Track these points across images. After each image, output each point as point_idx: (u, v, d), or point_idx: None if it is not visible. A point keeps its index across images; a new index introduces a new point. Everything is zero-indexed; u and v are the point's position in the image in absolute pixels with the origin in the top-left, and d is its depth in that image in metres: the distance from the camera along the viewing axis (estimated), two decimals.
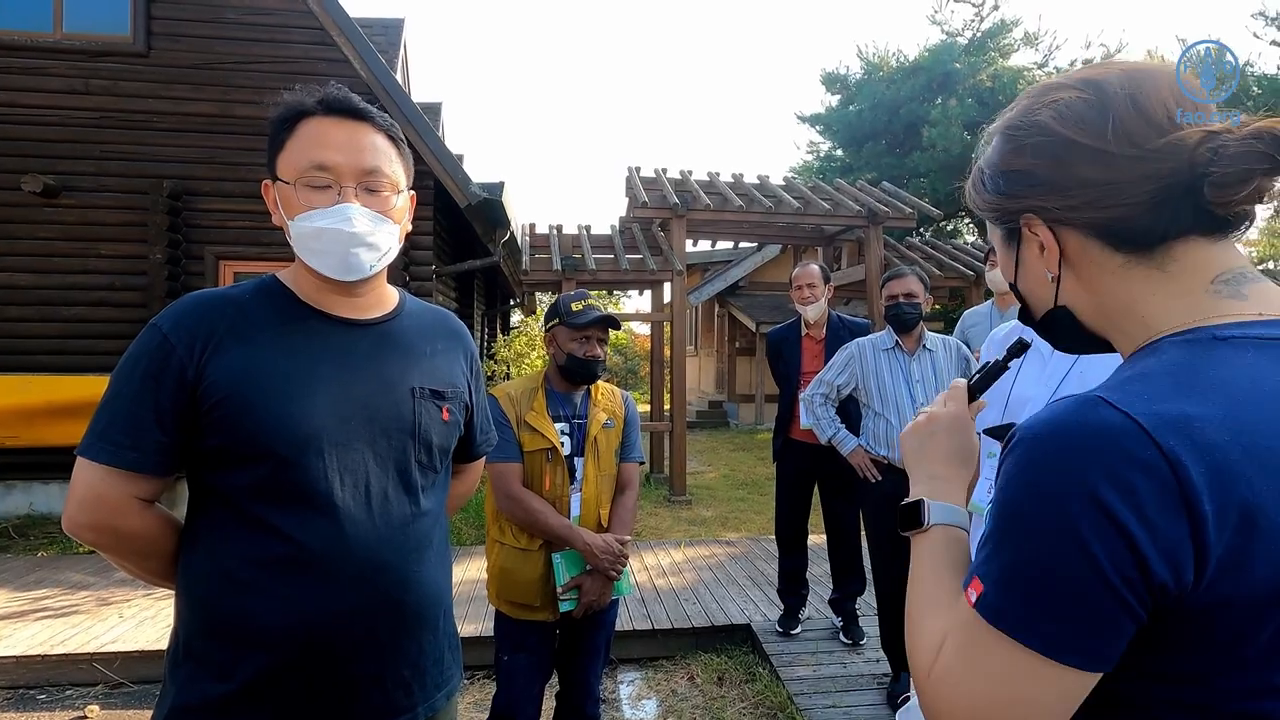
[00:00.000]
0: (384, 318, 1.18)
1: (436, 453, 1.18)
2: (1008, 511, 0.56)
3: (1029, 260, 0.71)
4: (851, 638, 3.57)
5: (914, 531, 0.74)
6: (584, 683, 2.20)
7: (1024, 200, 0.68)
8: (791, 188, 8.57)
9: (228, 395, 1.01)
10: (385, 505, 1.10)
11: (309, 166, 1.06)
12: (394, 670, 1.11)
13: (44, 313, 6.31)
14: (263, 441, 1.02)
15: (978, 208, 0.74)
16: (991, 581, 0.56)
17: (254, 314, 1.08)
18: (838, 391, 3.14)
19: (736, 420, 14.67)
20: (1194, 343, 0.59)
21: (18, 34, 6.37)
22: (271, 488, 1.03)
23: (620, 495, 2.21)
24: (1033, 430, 0.57)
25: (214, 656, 1.03)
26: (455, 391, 1.23)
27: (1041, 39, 17.42)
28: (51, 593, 4.29)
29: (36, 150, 6.31)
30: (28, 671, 3.44)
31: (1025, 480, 0.55)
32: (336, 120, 1.08)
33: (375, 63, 6.30)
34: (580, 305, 2.12)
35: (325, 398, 1.06)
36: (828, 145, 19.40)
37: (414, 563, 1.13)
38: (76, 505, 1.02)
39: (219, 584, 1.03)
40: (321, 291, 1.13)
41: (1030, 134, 0.66)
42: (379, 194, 1.10)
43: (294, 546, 1.03)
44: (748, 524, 6.38)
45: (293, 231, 1.08)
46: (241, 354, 1.04)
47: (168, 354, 1.02)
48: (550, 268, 7.21)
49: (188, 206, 6.48)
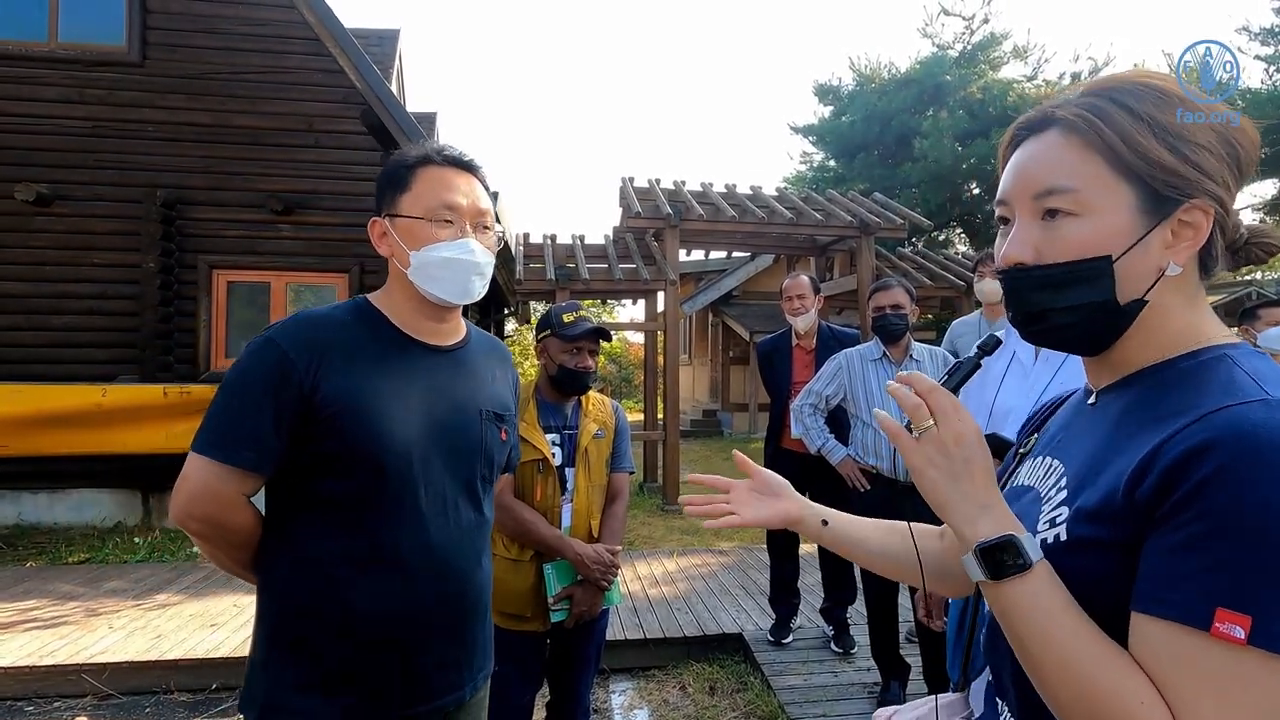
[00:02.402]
0: (457, 345, 1.34)
1: (495, 468, 1.37)
2: (1268, 531, 0.51)
3: (1154, 243, 0.64)
4: (842, 646, 3.58)
5: (1011, 577, 0.61)
6: (575, 693, 2.20)
7: (1205, 185, 0.64)
8: (784, 198, 8.63)
9: (340, 409, 1.14)
10: (457, 513, 1.27)
11: (439, 206, 1.23)
12: (453, 654, 1.28)
13: (35, 321, 6.29)
14: (368, 451, 1.15)
15: (1139, 155, 0.64)
16: (1271, 611, 0.50)
17: (356, 335, 1.22)
18: (826, 401, 3.17)
19: (730, 429, 14.69)
20: (1256, 354, 0.64)
21: (13, 43, 6.38)
22: (369, 493, 1.17)
23: (611, 505, 2.22)
24: (1259, 440, 0.53)
25: (306, 646, 1.17)
26: (510, 415, 1.42)
27: (1031, 52, 17.64)
28: (40, 603, 4.26)
29: (30, 159, 6.31)
30: (16, 683, 3.41)
31: None
32: (457, 171, 1.27)
33: (370, 73, 6.34)
34: (572, 317, 2.14)
35: (416, 416, 1.21)
36: (820, 156, 19.55)
37: (474, 563, 1.31)
38: (188, 498, 1.12)
39: (318, 579, 1.17)
40: (417, 318, 1.28)
41: (1230, 130, 0.66)
42: (488, 232, 1.30)
43: (386, 547, 1.18)
44: (740, 533, 6.40)
45: (415, 261, 1.22)
46: (349, 372, 1.17)
47: (288, 368, 1.14)
48: (544, 277, 7.23)
49: (181, 215, 6.49)
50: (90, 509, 6.11)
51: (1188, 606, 0.52)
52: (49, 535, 5.87)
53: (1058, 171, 0.66)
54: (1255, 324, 3.63)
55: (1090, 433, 0.70)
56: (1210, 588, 0.52)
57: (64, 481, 6.09)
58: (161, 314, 6.35)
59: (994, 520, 0.63)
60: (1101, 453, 0.66)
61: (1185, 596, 0.53)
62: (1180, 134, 0.63)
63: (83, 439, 5.53)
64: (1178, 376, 0.64)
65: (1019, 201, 0.69)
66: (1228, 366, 0.62)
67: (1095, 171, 0.64)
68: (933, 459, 0.66)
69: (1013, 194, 0.70)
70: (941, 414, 0.66)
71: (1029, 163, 0.69)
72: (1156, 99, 0.65)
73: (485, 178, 1.32)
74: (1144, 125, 0.64)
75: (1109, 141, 0.64)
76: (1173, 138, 0.63)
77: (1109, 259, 0.64)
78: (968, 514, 0.64)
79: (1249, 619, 0.50)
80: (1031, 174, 0.68)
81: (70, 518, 6.13)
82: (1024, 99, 15.93)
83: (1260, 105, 12.52)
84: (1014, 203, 0.70)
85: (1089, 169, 0.64)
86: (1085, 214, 0.65)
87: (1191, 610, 0.52)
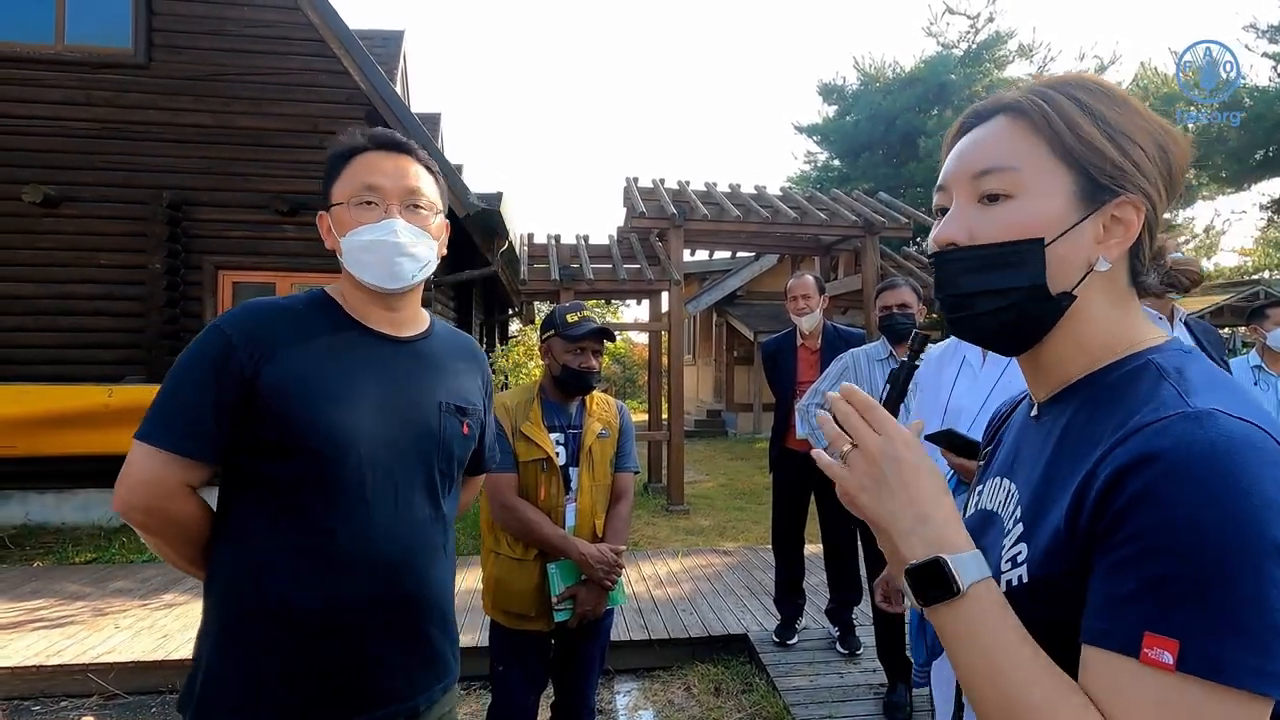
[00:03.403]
0: (418, 336, 1.31)
1: (455, 463, 1.31)
2: (1195, 550, 0.49)
3: (1087, 233, 0.65)
4: (848, 647, 3.57)
5: (942, 604, 0.58)
6: (579, 693, 2.20)
7: (1140, 181, 0.65)
8: (788, 198, 8.62)
9: (282, 395, 1.12)
10: (410, 507, 1.22)
11: (360, 188, 1.20)
12: (402, 658, 1.20)
13: (42, 322, 6.32)
14: (311, 437, 1.12)
15: (1082, 140, 0.64)
16: (1199, 634, 0.48)
17: (307, 323, 1.20)
18: None
19: (734, 429, 14.67)
20: (1182, 354, 0.63)
21: (19, 46, 6.42)
22: (307, 481, 1.13)
23: (615, 505, 2.22)
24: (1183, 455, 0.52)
25: (245, 636, 1.13)
26: (474, 409, 1.36)
27: (1036, 50, 17.61)
28: (47, 603, 4.28)
29: (37, 161, 6.34)
30: (23, 683, 3.42)
31: (1214, 516, 0.49)
32: (385, 153, 1.23)
33: (374, 74, 6.35)
34: (575, 317, 2.14)
35: (366, 404, 1.18)
36: (824, 155, 19.54)
37: (429, 561, 1.24)
38: (130, 488, 1.10)
39: (258, 568, 1.13)
40: (367, 306, 1.25)
41: (1166, 139, 0.66)
42: (419, 212, 1.25)
43: (327, 538, 1.14)
44: (745, 533, 6.38)
45: (344, 247, 1.21)
46: (296, 359, 1.15)
47: (230, 353, 1.11)
48: (548, 277, 7.23)
49: (187, 217, 6.51)
50: (97, 509, 6.14)
51: (1118, 633, 0.51)
52: (56, 535, 5.90)
53: (999, 151, 0.66)
54: (1264, 323, 3.61)
55: (1036, 455, 0.69)
56: (1138, 613, 0.51)
57: (71, 481, 6.11)
58: (167, 315, 6.37)
59: (926, 537, 0.60)
60: (1046, 482, 0.65)
61: (1115, 623, 0.52)
62: (1122, 130, 0.65)
63: (89, 439, 5.55)
64: (1107, 391, 0.64)
65: (958, 183, 0.69)
66: (1153, 376, 0.61)
67: (1036, 154, 0.65)
68: (862, 483, 0.64)
69: (953, 176, 0.70)
70: (857, 433, 0.64)
71: (972, 146, 0.69)
72: (1103, 95, 0.66)
73: (425, 158, 1.27)
74: (1088, 115, 0.65)
75: (1054, 125, 0.65)
76: (1114, 131, 0.64)
77: (1041, 242, 0.64)
78: (901, 529, 0.61)
79: (1176, 643, 0.49)
80: (973, 155, 0.68)
81: (77, 518, 6.16)
82: None
83: (1269, 102, 12.45)
84: (953, 186, 0.70)
85: (1030, 151, 0.65)
86: (1021, 196, 0.65)
87: (1122, 637, 0.51)
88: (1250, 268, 21.03)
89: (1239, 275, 19.55)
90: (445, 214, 1.31)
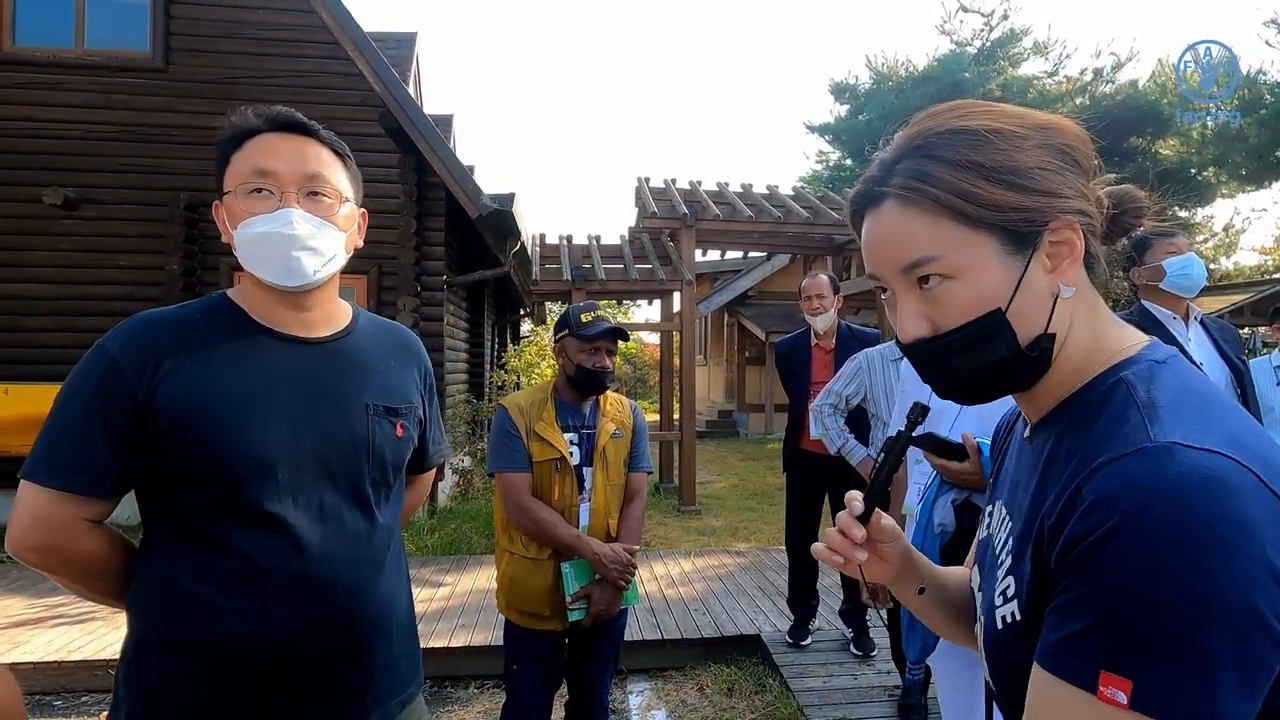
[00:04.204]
0: (335, 335, 1.18)
1: (390, 468, 1.19)
2: (1143, 594, 0.50)
3: (1036, 277, 0.62)
4: (862, 649, 3.55)
5: None
6: (593, 692, 2.20)
7: (1058, 204, 0.62)
8: (800, 197, 8.59)
9: (180, 417, 1.01)
10: (339, 522, 1.10)
11: (251, 173, 1.07)
12: (348, 681, 1.10)
13: (62, 323, 6.41)
14: (217, 462, 1.01)
15: (980, 204, 0.61)
16: (1146, 674, 0.50)
17: (204, 333, 1.07)
18: (846, 402, 3.14)
19: (746, 430, 14.64)
20: (1156, 369, 0.62)
21: (40, 50, 6.52)
22: (225, 507, 1.03)
23: (628, 505, 2.22)
24: (1134, 500, 0.52)
25: (168, 671, 1.03)
26: (409, 407, 1.23)
27: (1051, 48, 17.44)
28: (68, 599, 4.33)
29: (57, 163, 6.44)
30: (44, 678, 3.47)
31: (1163, 564, 0.50)
32: (282, 135, 1.10)
33: (388, 76, 6.38)
34: (590, 316, 2.14)
35: (278, 418, 1.06)
36: (837, 155, 19.46)
37: (368, 577, 1.13)
38: (21, 529, 1.00)
39: (172, 600, 1.03)
40: (271, 307, 1.12)
41: (1054, 136, 0.64)
42: (321, 200, 1.10)
43: (248, 564, 1.02)
44: (757, 534, 6.37)
45: (236, 240, 1.08)
46: (193, 375, 1.03)
47: (117, 375, 1.01)
48: (560, 278, 7.25)
49: (203, 218, 6.57)
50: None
51: (1075, 667, 0.53)
52: None
53: (913, 245, 0.63)
54: None
55: (1027, 481, 0.69)
56: (1094, 651, 0.52)
57: None
58: None
59: None
60: (1031, 513, 0.64)
61: (1072, 657, 0.54)
62: (1010, 168, 0.62)
63: None
64: (1084, 415, 0.63)
65: (890, 278, 0.67)
66: (1123, 397, 0.60)
67: (948, 233, 0.62)
68: None
69: (881, 272, 0.68)
70: None
71: (882, 239, 0.67)
72: (972, 141, 0.63)
73: (331, 139, 1.14)
74: (970, 173, 0.62)
75: (945, 203, 0.62)
76: (1005, 174, 0.61)
77: (1000, 311, 0.62)
78: None
79: (1129, 683, 0.50)
80: (890, 249, 0.66)
81: None
82: (1044, 95, 15.73)
83: None
84: (885, 280, 0.68)
85: (941, 233, 0.62)
86: (959, 275, 0.62)
87: (1078, 671, 0.53)
88: (1270, 266, 20.69)
89: (1259, 274, 19.25)
90: (358, 203, 1.19)
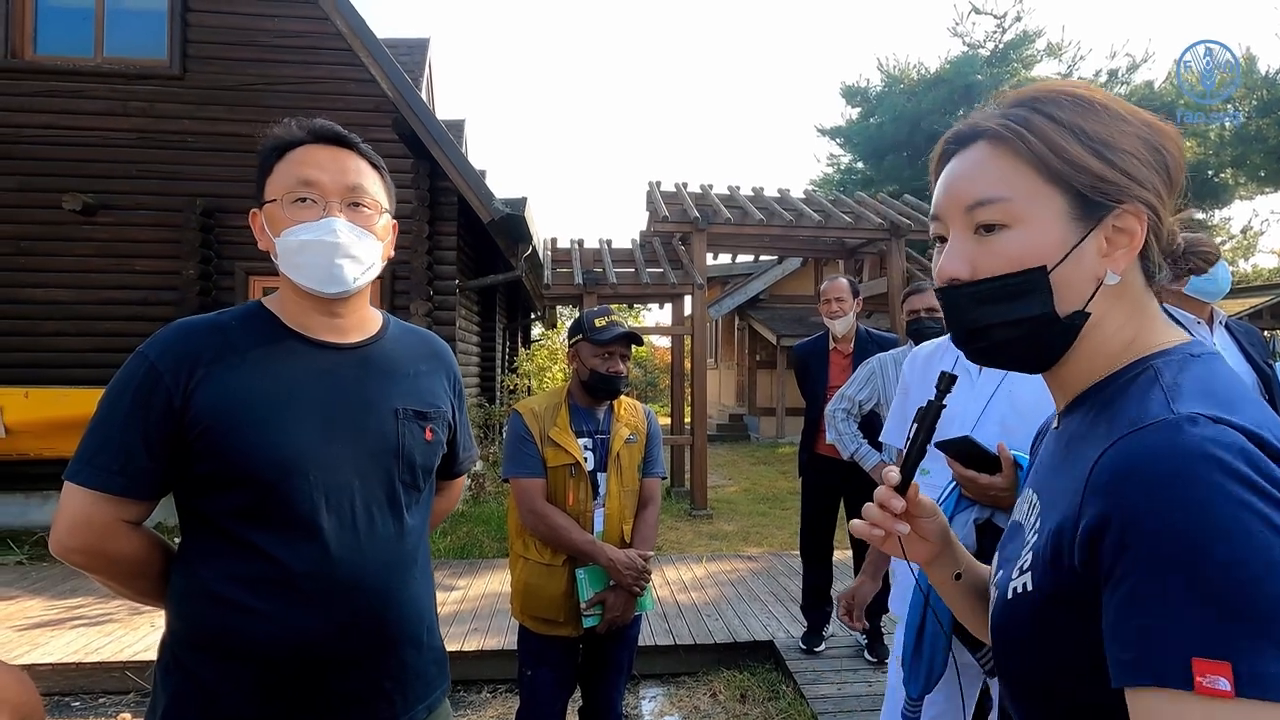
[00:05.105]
0: (366, 341, 1.21)
1: (420, 472, 1.21)
2: (1194, 560, 0.47)
3: (1089, 251, 0.63)
4: (876, 655, 3.52)
5: None
6: (607, 698, 2.20)
7: (1135, 190, 0.63)
8: (812, 201, 8.56)
9: (214, 422, 1.04)
10: (370, 525, 1.13)
11: (296, 184, 1.11)
12: (376, 684, 1.12)
13: (80, 327, 6.49)
14: (247, 467, 1.04)
15: (1066, 161, 0.63)
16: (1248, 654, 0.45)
17: (240, 340, 1.11)
18: (859, 406, 3.12)
19: (757, 434, 14.59)
20: (1186, 360, 0.62)
21: (60, 59, 6.62)
22: (257, 511, 1.06)
23: (642, 510, 2.22)
24: (1153, 469, 0.51)
25: (201, 671, 1.06)
26: (438, 412, 1.26)
27: (1065, 49, 17.30)
28: (86, 601, 4.38)
29: (77, 170, 6.53)
30: (63, 679, 3.51)
31: (1228, 526, 0.47)
32: (323, 147, 1.14)
33: (401, 82, 6.43)
34: (604, 321, 2.14)
35: (310, 422, 1.09)
36: (848, 158, 19.38)
37: (398, 580, 1.15)
38: (65, 529, 1.04)
39: (205, 601, 1.06)
40: (306, 314, 1.15)
41: (1156, 135, 0.65)
42: (362, 210, 1.15)
43: (279, 567, 1.05)
44: (769, 539, 6.34)
45: (279, 248, 1.11)
46: (227, 381, 1.06)
47: (155, 381, 1.04)
48: (572, 282, 7.26)
49: (219, 224, 6.65)
50: None
51: (1160, 668, 0.47)
52: None
53: (988, 183, 0.65)
54: None
55: (1053, 465, 0.69)
56: (1174, 639, 0.47)
57: None
58: None
59: None
60: (1056, 493, 0.64)
61: (1151, 655, 0.47)
62: (1106, 140, 0.63)
63: None
64: (1108, 400, 0.63)
65: (952, 216, 0.68)
66: (1149, 381, 0.60)
67: (1025, 180, 0.64)
68: None
69: (945, 209, 0.69)
70: None
71: (959, 176, 0.68)
72: (1080, 107, 0.64)
73: (369, 153, 1.19)
74: (1069, 132, 0.63)
75: (1035, 150, 0.63)
76: (1098, 144, 0.63)
77: (1044, 269, 0.63)
78: None
79: (1228, 665, 0.45)
80: (962, 187, 0.67)
81: None
82: None
83: None
84: (947, 218, 0.69)
85: (1019, 178, 0.64)
86: (1017, 225, 0.64)
87: (1166, 670, 0.47)
88: None
89: (1278, 277, 18.98)
90: (392, 214, 1.23)
